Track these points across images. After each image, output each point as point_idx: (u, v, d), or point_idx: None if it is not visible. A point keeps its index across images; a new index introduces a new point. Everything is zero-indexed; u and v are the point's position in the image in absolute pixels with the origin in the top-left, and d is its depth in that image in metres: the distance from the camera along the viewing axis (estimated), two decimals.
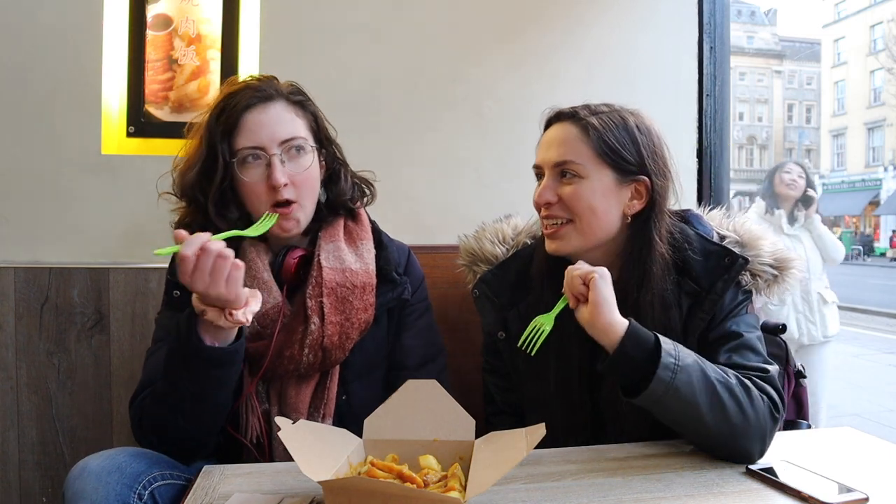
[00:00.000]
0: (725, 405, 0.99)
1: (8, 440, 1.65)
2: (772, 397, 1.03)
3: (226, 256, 0.98)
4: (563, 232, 1.16)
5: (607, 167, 1.14)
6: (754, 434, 1.00)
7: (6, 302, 1.64)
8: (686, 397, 0.98)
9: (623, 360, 1.01)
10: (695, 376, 0.99)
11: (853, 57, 28.56)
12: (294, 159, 1.19)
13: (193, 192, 1.19)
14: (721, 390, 1.00)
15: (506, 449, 0.88)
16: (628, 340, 1.01)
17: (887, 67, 24.41)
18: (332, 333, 1.18)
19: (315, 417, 1.19)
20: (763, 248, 1.20)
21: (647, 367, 0.99)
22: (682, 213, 1.25)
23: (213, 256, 0.97)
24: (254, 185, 1.17)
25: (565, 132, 1.17)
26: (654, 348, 1.01)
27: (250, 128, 1.16)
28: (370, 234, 1.31)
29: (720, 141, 1.94)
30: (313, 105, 1.27)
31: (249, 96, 1.18)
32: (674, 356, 0.99)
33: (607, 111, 1.18)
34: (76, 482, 0.96)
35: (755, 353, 1.10)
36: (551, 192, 1.16)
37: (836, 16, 30.34)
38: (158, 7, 1.72)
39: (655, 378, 0.97)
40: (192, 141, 1.22)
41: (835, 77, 30.58)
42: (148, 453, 1.05)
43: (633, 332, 1.02)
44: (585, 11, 1.89)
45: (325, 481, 0.79)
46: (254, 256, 1.21)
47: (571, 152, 1.15)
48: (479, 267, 1.34)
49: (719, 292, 1.13)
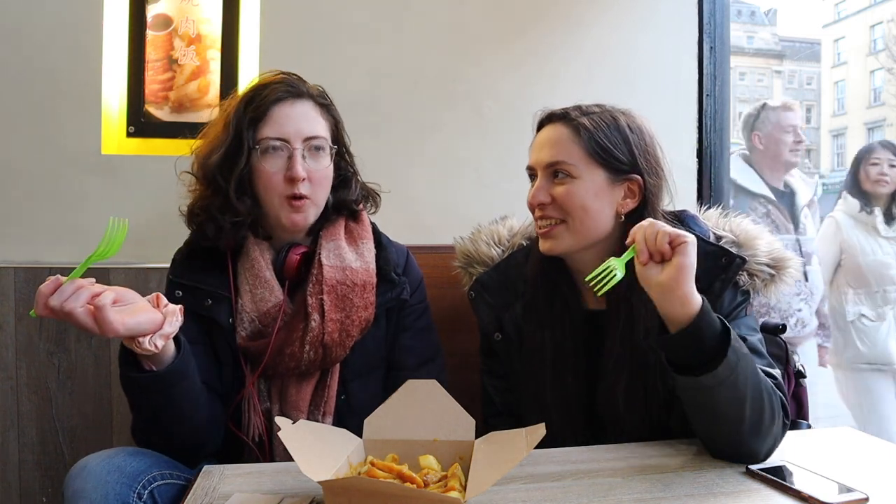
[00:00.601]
0: (765, 402, 0.98)
1: (8, 440, 1.65)
2: (782, 402, 1.03)
3: (69, 311, 0.90)
4: (557, 232, 1.16)
5: (599, 167, 1.15)
6: (772, 435, 0.99)
7: (6, 302, 1.64)
8: (740, 386, 0.96)
9: (696, 336, 0.96)
10: (750, 368, 0.98)
11: (853, 57, 28.51)
12: (314, 157, 1.21)
13: (214, 176, 1.19)
14: (765, 387, 0.99)
15: (506, 449, 0.88)
16: (704, 316, 0.96)
17: (887, 67, 24.35)
18: (333, 330, 1.19)
19: (315, 415, 1.20)
20: (759, 247, 1.20)
21: (713, 347, 0.96)
22: (677, 213, 1.25)
23: (59, 305, 0.90)
24: (272, 175, 1.18)
25: (557, 133, 1.17)
26: (722, 330, 0.97)
27: (277, 119, 1.18)
28: (371, 234, 1.32)
29: (720, 141, 1.94)
30: (336, 111, 1.29)
31: (281, 90, 1.20)
32: (738, 342, 0.97)
33: (598, 111, 1.19)
34: (76, 481, 0.96)
35: (760, 357, 1.09)
36: (544, 192, 1.16)
37: (836, 16, 30.29)
38: (158, 7, 1.72)
39: (725, 360, 0.94)
40: (216, 126, 1.24)
41: (835, 77, 30.52)
42: (148, 453, 1.05)
43: (707, 308, 0.97)
44: (585, 11, 1.89)
45: (325, 481, 0.79)
46: (256, 255, 1.22)
47: (563, 153, 1.15)
48: (475, 269, 1.34)
49: (717, 293, 1.13)
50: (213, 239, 1.20)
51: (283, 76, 1.25)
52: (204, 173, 1.21)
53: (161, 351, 0.99)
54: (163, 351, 1.00)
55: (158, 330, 0.97)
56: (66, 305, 0.90)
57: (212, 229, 1.20)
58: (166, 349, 1.01)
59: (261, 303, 1.20)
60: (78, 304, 0.90)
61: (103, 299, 0.91)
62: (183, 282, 1.22)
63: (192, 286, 1.21)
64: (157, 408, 1.05)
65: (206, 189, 1.22)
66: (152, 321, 0.96)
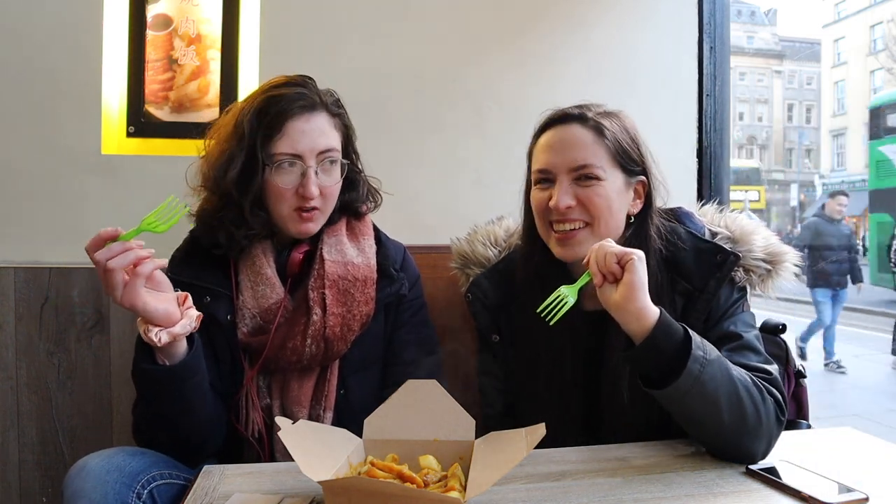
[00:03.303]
0: (744, 404, 0.97)
1: (8, 440, 1.65)
2: (777, 399, 1.02)
3: (111, 269, 0.95)
4: (581, 237, 1.14)
5: (619, 169, 1.15)
6: (763, 435, 0.99)
7: (6, 302, 1.64)
8: (710, 393, 0.96)
9: (653, 349, 0.97)
10: (719, 372, 0.97)
11: (853, 57, 28.56)
12: (327, 171, 1.22)
13: (230, 191, 1.19)
14: (741, 389, 0.98)
15: (506, 449, 0.88)
16: (660, 328, 0.97)
17: (887, 67, 24.41)
18: (334, 325, 1.20)
19: (317, 410, 1.21)
20: (755, 242, 1.19)
21: (674, 358, 0.96)
22: (673, 210, 1.25)
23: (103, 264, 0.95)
24: (284, 190, 1.19)
25: (579, 135, 1.15)
26: (682, 340, 0.98)
27: (292, 135, 1.18)
28: (371, 231, 1.34)
29: (720, 141, 1.94)
30: (348, 118, 1.30)
31: (295, 103, 1.19)
32: (702, 349, 0.97)
33: (607, 112, 1.18)
34: (75, 481, 0.96)
35: (756, 353, 1.09)
36: (570, 195, 1.13)
37: (836, 16, 30.35)
38: (158, 7, 1.72)
39: (685, 371, 0.94)
40: (226, 128, 1.23)
41: (835, 77, 30.58)
42: (147, 453, 1.06)
43: (665, 320, 0.98)
44: (586, 11, 1.89)
45: (325, 481, 0.79)
46: (258, 253, 1.23)
47: (591, 155, 1.13)
48: (472, 270, 1.34)
49: (712, 291, 1.13)
50: (226, 248, 1.21)
51: (298, 85, 1.23)
52: (218, 185, 1.21)
53: (172, 347, 1.02)
54: (175, 347, 1.03)
55: (170, 327, 1.00)
56: (111, 263, 0.95)
57: (224, 238, 1.21)
58: (178, 346, 1.04)
59: (262, 299, 1.21)
60: (121, 264, 0.96)
61: (143, 267, 0.97)
62: (181, 279, 1.22)
63: (189, 283, 1.21)
64: (165, 401, 1.06)
65: (218, 200, 1.21)
66: (168, 315, 1.01)
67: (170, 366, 1.03)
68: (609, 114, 1.18)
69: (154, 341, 0.99)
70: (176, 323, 1.01)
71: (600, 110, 1.19)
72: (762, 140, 35.30)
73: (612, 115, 1.18)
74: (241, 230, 1.20)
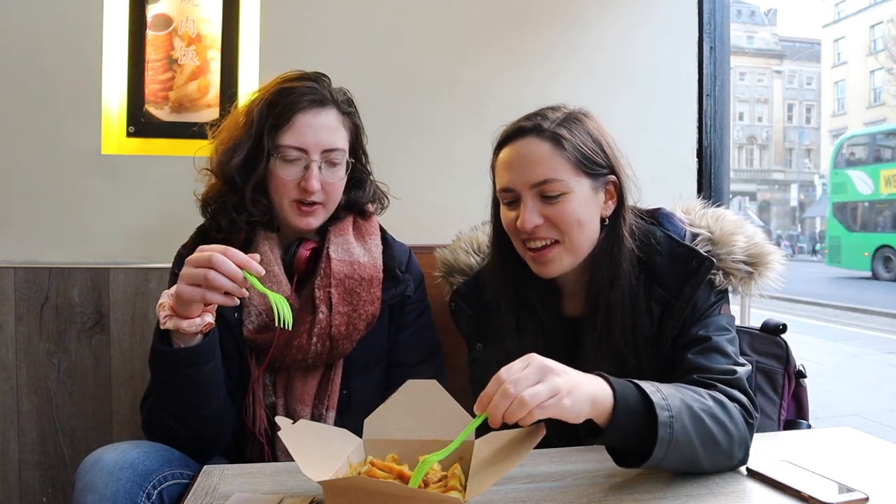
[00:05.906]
0: (715, 436, 0.93)
1: (8, 440, 1.65)
2: (742, 403, 0.99)
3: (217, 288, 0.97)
4: (554, 254, 1.11)
5: (584, 176, 1.11)
6: (736, 446, 0.95)
7: (6, 302, 1.64)
8: (684, 446, 0.90)
9: (619, 432, 0.88)
10: (686, 419, 0.90)
11: (853, 57, 28.57)
12: (330, 168, 1.23)
13: (233, 175, 1.21)
14: (708, 421, 0.92)
15: (506, 449, 0.88)
16: (619, 409, 0.87)
17: (887, 67, 24.40)
18: (340, 323, 1.21)
19: (320, 409, 1.21)
20: (737, 243, 1.15)
21: (642, 425, 0.88)
22: (652, 212, 1.21)
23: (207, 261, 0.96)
24: (286, 181, 1.20)
25: (536, 149, 1.10)
26: (643, 402, 0.89)
27: (299, 128, 1.19)
28: (378, 231, 1.35)
29: (720, 141, 1.94)
30: (358, 117, 1.31)
31: (306, 97, 1.20)
32: (666, 408, 0.89)
33: (565, 117, 1.13)
34: (88, 474, 0.97)
35: (723, 356, 1.05)
36: (536, 214, 1.09)
37: (836, 16, 30.34)
38: (158, 7, 1.72)
39: (658, 441, 0.87)
40: (237, 120, 1.24)
41: (835, 77, 30.58)
42: (161, 449, 1.06)
43: (620, 396, 0.88)
44: (586, 11, 1.89)
45: (325, 481, 0.79)
46: (265, 249, 1.23)
47: (551, 170, 1.08)
48: (455, 278, 1.32)
49: (687, 298, 1.09)
50: (227, 231, 1.22)
51: (311, 80, 1.24)
52: (223, 171, 1.22)
53: (187, 336, 1.03)
54: (193, 336, 1.04)
55: (181, 318, 1.01)
56: (224, 285, 0.96)
57: (226, 222, 1.22)
58: (193, 336, 1.04)
59: None
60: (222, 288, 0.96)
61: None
62: None
63: None
64: (179, 388, 1.07)
65: (223, 185, 1.23)
66: (189, 308, 1.00)
67: (184, 348, 1.04)
68: (568, 119, 1.12)
69: (161, 319, 1.01)
70: (189, 318, 1.01)
71: (558, 116, 1.12)
72: (762, 140, 35.29)
73: (571, 121, 1.12)
74: (242, 216, 1.21)
